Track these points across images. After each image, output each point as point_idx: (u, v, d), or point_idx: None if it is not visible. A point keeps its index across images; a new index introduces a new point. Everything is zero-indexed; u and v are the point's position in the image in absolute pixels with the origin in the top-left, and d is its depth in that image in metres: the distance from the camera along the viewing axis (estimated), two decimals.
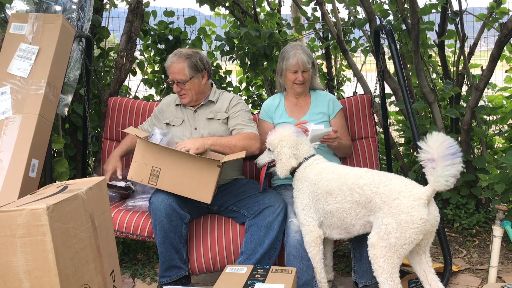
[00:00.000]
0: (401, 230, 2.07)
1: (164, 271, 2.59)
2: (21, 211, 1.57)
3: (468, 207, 3.51)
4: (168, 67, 2.82)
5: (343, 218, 2.33)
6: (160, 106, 3.02)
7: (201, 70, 2.82)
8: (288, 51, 2.93)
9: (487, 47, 5.61)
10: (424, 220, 2.06)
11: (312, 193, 2.42)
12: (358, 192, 2.23)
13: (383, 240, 2.13)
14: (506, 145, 3.86)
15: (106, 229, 1.97)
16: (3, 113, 2.55)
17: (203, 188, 2.52)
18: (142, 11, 3.63)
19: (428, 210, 2.09)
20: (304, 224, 2.45)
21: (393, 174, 2.28)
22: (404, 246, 2.10)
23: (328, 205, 2.36)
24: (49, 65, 2.64)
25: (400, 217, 2.08)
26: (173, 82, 2.81)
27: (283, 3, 5.15)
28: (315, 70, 3.04)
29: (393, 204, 2.11)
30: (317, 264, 2.45)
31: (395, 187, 2.14)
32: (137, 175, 2.55)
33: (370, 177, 2.23)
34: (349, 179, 2.28)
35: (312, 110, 2.99)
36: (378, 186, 2.18)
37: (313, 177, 2.43)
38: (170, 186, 2.53)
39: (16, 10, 2.99)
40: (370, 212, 2.23)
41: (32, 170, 2.52)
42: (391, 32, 2.93)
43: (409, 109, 2.84)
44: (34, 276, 1.59)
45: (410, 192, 2.10)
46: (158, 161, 2.52)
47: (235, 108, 2.87)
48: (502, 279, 2.83)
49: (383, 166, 3.74)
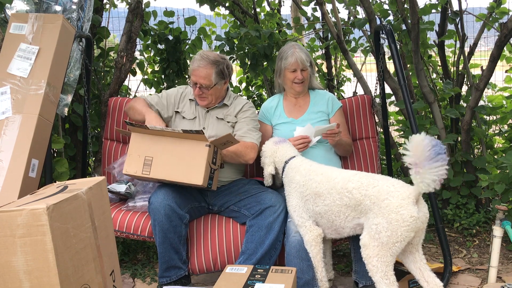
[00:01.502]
0: (391, 229, 2.09)
1: (164, 271, 2.59)
2: (21, 211, 1.57)
3: (468, 207, 3.51)
4: (194, 69, 2.75)
5: (332, 220, 2.36)
6: (173, 93, 2.94)
7: (226, 77, 2.82)
8: (286, 50, 2.94)
9: (487, 47, 5.61)
10: (414, 217, 2.08)
11: (301, 194, 2.46)
12: (348, 196, 2.25)
13: (374, 240, 2.14)
14: (506, 145, 3.86)
15: (106, 229, 1.97)
16: (3, 113, 2.55)
17: (193, 170, 2.50)
18: (142, 11, 3.63)
19: (418, 208, 2.11)
20: (301, 225, 2.46)
21: (380, 175, 2.32)
22: (396, 244, 2.11)
23: (317, 207, 2.39)
24: (49, 65, 2.64)
25: (390, 216, 2.10)
26: (195, 84, 2.77)
27: (283, 3, 5.15)
28: (313, 69, 3.04)
29: (382, 204, 2.13)
30: (318, 263, 2.45)
31: (383, 187, 2.16)
32: (131, 167, 2.55)
33: (358, 180, 2.25)
34: (338, 183, 2.31)
35: (311, 109, 3.00)
36: (367, 189, 2.20)
37: (299, 178, 2.48)
38: (163, 173, 2.53)
39: (16, 10, 2.99)
40: (360, 215, 2.25)
41: (32, 170, 2.52)
42: (391, 32, 2.93)
43: (409, 109, 2.84)
44: (34, 276, 1.59)
45: (398, 192, 2.12)
46: (150, 149, 2.54)
47: (243, 114, 2.87)
48: (502, 279, 2.83)
49: (383, 166, 3.74)
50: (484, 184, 3.12)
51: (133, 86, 4.36)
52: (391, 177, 2.27)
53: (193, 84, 2.79)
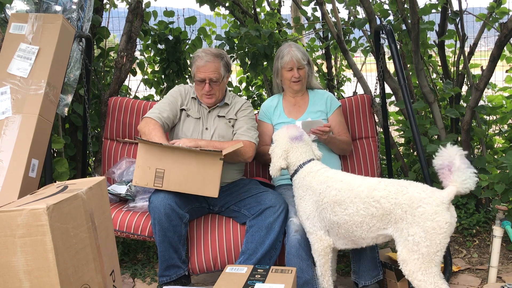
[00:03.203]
0: (430, 238, 2.03)
1: (164, 271, 2.59)
2: (21, 211, 1.57)
3: (468, 207, 3.51)
4: (201, 66, 2.73)
5: (352, 231, 2.26)
6: (177, 92, 2.88)
7: (229, 70, 2.85)
8: (282, 50, 2.96)
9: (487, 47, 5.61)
10: (449, 223, 2.04)
11: (316, 203, 2.35)
12: (375, 206, 2.15)
13: (413, 253, 2.06)
14: (506, 145, 3.86)
15: (106, 229, 1.97)
16: (3, 113, 2.55)
17: (209, 183, 2.51)
18: (142, 11, 3.63)
19: (450, 213, 2.07)
20: (312, 232, 2.39)
21: (404, 180, 2.22)
22: (437, 254, 2.05)
23: (335, 216, 2.28)
24: (49, 65, 2.64)
25: (426, 225, 2.03)
26: (204, 81, 2.75)
27: (283, 3, 5.15)
28: (311, 68, 3.04)
29: (416, 212, 2.06)
30: (325, 272, 2.41)
31: (414, 194, 2.09)
32: (142, 179, 2.53)
33: (384, 188, 2.15)
34: (362, 191, 2.19)
35: (310, 109, 3.00)
36: (396, 197, 2.11)
37: (317, 186, 2.35)
38: (176, 185, 2.52)
39: (16, 10, 2.99)
40: (388, 225, 2.16)
41: (32, 170, 2.52)
42: (391, 32, 2.93)
43: (409, 109, 2.83)
44: (34, 276, 1.59)
45: (431, 198, 2.06)
46: (161, 162, 2.51)
47: (242, 113, 2.88)
48: (502, 279, 2.83)
49: (383, 166, 3.74)
50: (484, 184, 3.12)
51: (133, 86, 4.36)
52: (417, 182, 2.18)
53: (199, 82, 2.77)
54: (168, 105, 2.81)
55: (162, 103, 2.84)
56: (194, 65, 2.78)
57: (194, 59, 2.81)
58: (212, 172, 2.51)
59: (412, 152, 4.09)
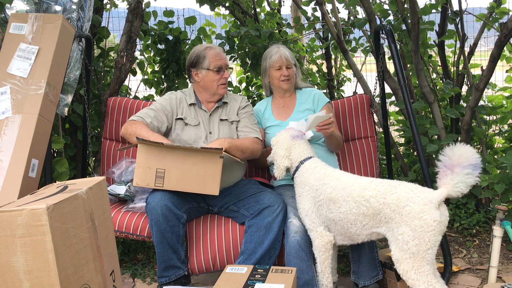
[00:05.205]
0: (418, 236, 2.04)
1: (163, 271, 2.58)
2: (21, 211, 1.57)
3: (468, 207, 3.51)
4: (216, 54, 2.79)
5: (347, 228, 2.30)
6: (166, 101, 2.82)
7: None
8: (270, 50, 3.02)
9: (487, 47, 5.61)
10: (438, 221, 2.05)
11: (314, 199, 2.39)
12: (365, 205, 2.19)
13: (404, 252, 2.08)
14: (506, 145, 3.86)
15: (106, 229, 1.97)
16: (3, 113, 2.55)
17: (209, 181, 2.52)
18: (142, 11, 3.63)
19: (440, 211, 2.07)
20: (312, 229, 2.42)
21: (395, 181, 2.24)
22: (428, 251, 2.06)
23: (331, 213, 2.32)
24: (49, 65, 2.64)
25: (414, 223, 2.05)
26: (222, 69, 2.79)
27: (283, 3, 5.16)
28: (297, 70, 3.08)
29: (403, 211, 2.08)
30: (325, 269, 2.42)
31: (402, 194, 2.11)
32: (142, 180, 2.53)
33: (374, 188, 2.19)
34: (354, 191, 2.24)
35: (297, 109, 3.02)
36: (385, 196, 2.14)
37: (313, 182, 2.40)
38: (177, 185, 2.53)
39: (16, 10, 2.99)
40: (380, 224, 2.19)
41: (32, 170, 2.52)
42: (391, 32, 2.93)
43: (409, 109, 2.83)
44: (34, 276, 1.59)
45: (418, 197, 2.08)
46: (161, 162, 2.51)
47: (243, 110, 2.90)
48: (502, 279, 2.83)
49: (383, 166, 3.74)
50: (484, 184, 3.12)
51: (133, 86, 4.36)
52: (408, 182, 2.20)
53: (216, 72, 2.78)
54: (153, 112, 2.74)
55: (148, 109, 2.78)
56: (207, 56, 2.77)
57: (202, 53, 2.79)
58: (212, 170, 2.51)
59: (412, 152, 4.09)
